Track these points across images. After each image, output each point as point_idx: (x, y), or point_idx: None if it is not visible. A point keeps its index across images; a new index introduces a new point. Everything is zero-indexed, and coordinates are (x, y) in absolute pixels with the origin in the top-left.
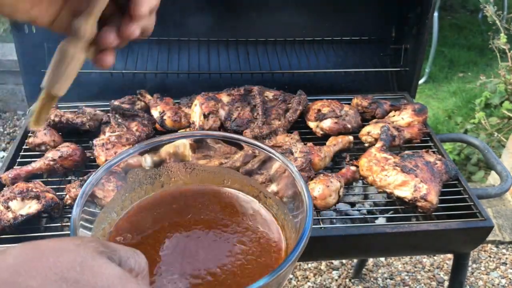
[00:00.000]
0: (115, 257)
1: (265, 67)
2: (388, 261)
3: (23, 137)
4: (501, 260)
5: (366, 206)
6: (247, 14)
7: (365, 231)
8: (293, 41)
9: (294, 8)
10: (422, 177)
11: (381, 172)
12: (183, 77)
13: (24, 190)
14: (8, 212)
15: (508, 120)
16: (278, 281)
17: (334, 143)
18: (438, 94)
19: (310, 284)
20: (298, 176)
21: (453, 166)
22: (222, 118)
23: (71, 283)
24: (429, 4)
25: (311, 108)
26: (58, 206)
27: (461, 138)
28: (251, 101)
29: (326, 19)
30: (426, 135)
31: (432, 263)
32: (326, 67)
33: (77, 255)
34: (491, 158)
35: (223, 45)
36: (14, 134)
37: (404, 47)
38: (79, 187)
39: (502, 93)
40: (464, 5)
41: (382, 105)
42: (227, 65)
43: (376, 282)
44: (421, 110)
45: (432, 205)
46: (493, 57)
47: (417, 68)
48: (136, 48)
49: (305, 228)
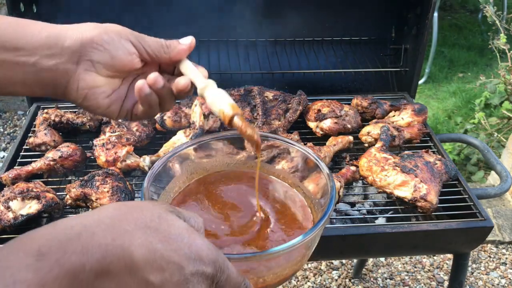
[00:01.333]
0: (180, 216)
1: (265, 67)
2: (388, 261)
3: (24, 137)
4: (501, 260)
5: (366, 206)
6: (247, 15)
7: (365, 231)
8: (293, 41)
9: (294, 8)
10: (422, 177)
11: (381, 172)
12: None
13: (24, 190)
14: (9, 212)
15: (507, 120)
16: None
17: (334, 143)
18: (438, 94)
19: (310, 284)
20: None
21: (452, 166)
22: None
23: (153, 230)
24: (429, 4)
25: (311, 108)
26: (59, 206)
27: (460, 138)
28: (251, 101)
29: (326, 19)
30: (426, 135)
31: (432, 263)
32: (326, 67)
33: (154, 211)
34: (491, 158)
35: (223, 45)
36: (14, 134)
37: (404, 47)
38: (79, 187)
39: (501, 93)
40: (464, 5)
41: (382, 105)
42: (227, 65)
43: (376, 282)
44: (421, 110)
45: (432, 205)
46: (493, 57)
47: (417, 68)
48: None
49: (329, 205)
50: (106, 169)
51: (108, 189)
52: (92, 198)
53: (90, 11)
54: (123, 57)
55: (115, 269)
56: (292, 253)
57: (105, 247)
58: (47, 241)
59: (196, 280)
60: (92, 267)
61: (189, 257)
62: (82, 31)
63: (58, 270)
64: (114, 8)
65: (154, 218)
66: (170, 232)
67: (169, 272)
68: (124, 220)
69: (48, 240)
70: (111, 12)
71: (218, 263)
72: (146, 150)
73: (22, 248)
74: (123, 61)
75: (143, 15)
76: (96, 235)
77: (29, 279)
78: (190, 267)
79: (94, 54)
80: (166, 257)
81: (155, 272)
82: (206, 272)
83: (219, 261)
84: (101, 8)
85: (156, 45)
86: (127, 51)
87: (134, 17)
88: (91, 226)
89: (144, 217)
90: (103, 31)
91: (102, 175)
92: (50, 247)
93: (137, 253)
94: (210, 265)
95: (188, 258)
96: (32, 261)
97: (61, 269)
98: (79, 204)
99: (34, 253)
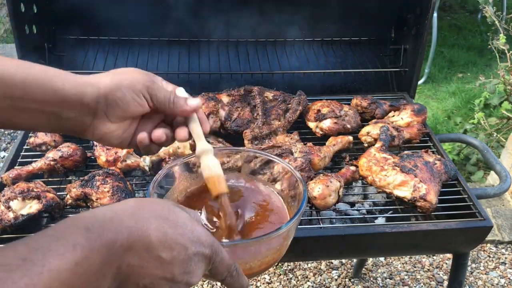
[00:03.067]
0: (184, 210)
1: (265, 67)
2: (388, 260)
3: (24, 137)
4: (500, 260)
5: (365, 206)
6: (247, 15)
7: (364, 231)
8: (293, 41)
9: (294, 8)
10: (422, 177)
11: (381, 172)
12: (183, 77)
13: (25, 190)
14: (9, 212)
15: (507, 120)
16: (287, 231)
17: (333, 143)
18: (438, 94)
19: (310, 283)
20: (297, 173)
21: (452, 166)
22: (222, 118)
23: (164, 218)
24: (429, 5)
25: (311, 109)
26: (59, 206)
27: (460, 138)
28: (251, 101)
29: (326, 20)
30: (425, 135)
31: (431, 263)
32: (326, 67)
33: (164, 205)
34: (490, 158)
35: (223, 45)
36: (14, 134)
37: (404, 47)
38: (80, 187)
39: (501, 93)
40: (463, 6)
41: (381, 105)
42: (227, 65)
43: (375, 282)
44: (420, 110)
45: (432, 205)
46: (492, 57)
47: (416, 68)
48: (137, 49)
49: (302, 203)
50: (106, 169)
51: (109, 189)
52: (93, 198)
53: (90, 10)
54: (133, 108)
55: (137, 246)
56: (271, 242)
57: (130, 229)
58: (90, 220)
59: (197, 259)
60: (122, 243)
61: (192, 240)
62: (100, 87)
63: (100, 242)
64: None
65: (165, 209)
66: (177, 221)
67: (177, 251)
68: (143, 209)
69: (91, 220)
70: (111, 12)
71: (214, 247)
72: None
73: (73, 223)
74: (134, 111)
75: (143, 14)
76: (124, 220)
77: (83, 243)
78: (192, 248)
79: (109, 109)
80: (174, 239)
81: (166, 251)
82: (205, 253)
83: (215, 245)
84: (101, 8)
85: (163, 100)
86: (138, 104)
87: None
88: (119, 213)
89: (157, 208)
90: (117, 87)
91: (102, 175)
92: (93, 225)
93: (153, 235)
94: (208, 248)
95: (191, 241)
96: (83, 232)
97: (102, 241)
98: (80, 204)
99: (83, 227)
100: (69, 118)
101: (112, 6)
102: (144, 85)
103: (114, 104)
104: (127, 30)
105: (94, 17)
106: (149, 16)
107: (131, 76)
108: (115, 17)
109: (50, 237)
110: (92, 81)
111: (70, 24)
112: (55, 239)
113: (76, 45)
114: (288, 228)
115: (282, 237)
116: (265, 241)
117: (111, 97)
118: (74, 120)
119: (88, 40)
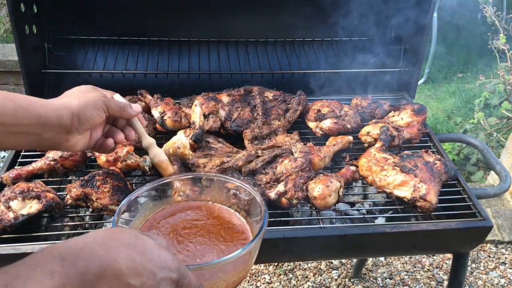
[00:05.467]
0: (150, 237)
1: (265, 67)
2: (388, 260)
3: None
4: (500, 260)
5: (365, 206)
6: (247, 15)
7: (364, 231)
8: (293, 41)
9: (294, 8)
10: (422, 177)
11: (381, 172)
12: (183, 77)
13: (25, 190)
14: (9, 212)
15: (507, 120)
16: (250, 251)
17: (333, 143)
18: (438, 94)
19: (310, 283)
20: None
21: (452, 166)
22: (222, 118)
23: (132, 246)
24: (429, 5)
25: (311, 108)
26: (59, 206)
27: (460, 138)
28: (251, 101)
29: (326, 19)
30: (425, 135)
31: (431, 263)
32: (326, 67)
33: (131, 233)
34: (490, 158)
35: (223, 45)
36: None
37: (404, 47)
38: (80, 187)
39: (501, 93)
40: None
41: (381, 105)
42: (227, 65)
43: (375, 282)
44: (420, 110)
45: (431, 205)
46: (492, 57)
47: (416, 68)
48: (137, 49)
49: (263, 223)
50: (106, 169)
51: (109, 189)
52: (93, 198)
53: (89, 11)
54: (96, 121)
55: (107, 274)
56: (235, 262)
57: (101, 258)
58: (64, 250)
59: (165, 283)
60: (94, 272)
61: (159, 265)
62: (73, 109)
63: (75, 270)
64: (114, 8)
65: (132, 238)
66: (145, 248)
67: (146, 277)
68: (112, 239)
69: (65, 249)
70: (111, 12)
71: (181, 271)
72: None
73: (49, 252)
74: (97, 123)
75: (143, 14)
76: (95, 249)
77: (60, 271)
78: (160, 273)
79: (80, 125)
80: (143, 265)
81: (135, 277)
82: (173, 277)
83: (182, 269)
84: (101, 7)
85: (116, 108)
86: (99, 116)
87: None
88: (90, 243)
89: (125, 237)
90: (85, 107)
91: (102, 175)
92: (66, 254)
93: (123, 263)
94: (175, 272)
95: (159, 267)
96: (58, 260)
97: (76, 270)
98: (80, 204)
99: (58, 256)
100: (48, 138)
101: (112, 6)
102: (101, 100)
103: (84, 121)
104: (127, 30)
105: (94, 17)
106: (149, 16)
107: (92, 95)
108: (115, 17)
109: (28, 266)
110: (65, 104)
111: (70, 24)
112: (33, 267)
113: (76, 45)
114: (250, 249)
115: (245, 257)
116: (229, 262)
117: (82, 116)
118: (53, 138)
119: (88, 40)
